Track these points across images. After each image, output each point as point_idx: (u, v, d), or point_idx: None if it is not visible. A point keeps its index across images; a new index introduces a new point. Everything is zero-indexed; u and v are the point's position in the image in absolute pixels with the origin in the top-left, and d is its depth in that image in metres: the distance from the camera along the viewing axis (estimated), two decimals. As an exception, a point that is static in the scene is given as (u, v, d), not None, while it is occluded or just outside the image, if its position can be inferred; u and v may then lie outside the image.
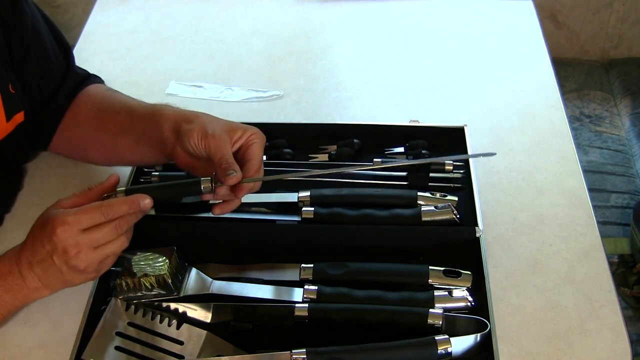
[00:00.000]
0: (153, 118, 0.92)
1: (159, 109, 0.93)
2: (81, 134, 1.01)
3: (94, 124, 1.00)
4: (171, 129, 0.89)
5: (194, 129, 0.86)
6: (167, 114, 0.91)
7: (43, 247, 0.77)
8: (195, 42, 1.39)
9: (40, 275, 0.79)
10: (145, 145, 0.94)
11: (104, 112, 0.99)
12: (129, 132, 0.95)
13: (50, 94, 1.00)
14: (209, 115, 0.90)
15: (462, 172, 1.01)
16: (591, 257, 0.94)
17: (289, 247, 0.93)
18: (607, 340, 0.84)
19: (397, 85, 1.26)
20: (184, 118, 0.89)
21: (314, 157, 1.06)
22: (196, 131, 0.85)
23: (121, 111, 0.97)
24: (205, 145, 0.85)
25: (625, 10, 2.21)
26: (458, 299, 0.83)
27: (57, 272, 0.79)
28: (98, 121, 0.99)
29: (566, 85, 2.12)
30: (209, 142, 0.84)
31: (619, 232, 1.70)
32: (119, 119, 0.96)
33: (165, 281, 0.84)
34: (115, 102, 1.00)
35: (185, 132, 0.86)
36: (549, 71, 1.27)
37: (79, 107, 1.02)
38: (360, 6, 1.47)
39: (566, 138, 1.13)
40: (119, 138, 0.96)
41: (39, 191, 1.07)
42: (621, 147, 1.93)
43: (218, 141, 0.84)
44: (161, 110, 0.92)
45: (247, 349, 0.82)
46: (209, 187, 0.82)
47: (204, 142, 0.85)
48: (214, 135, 0.85)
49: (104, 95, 1.02)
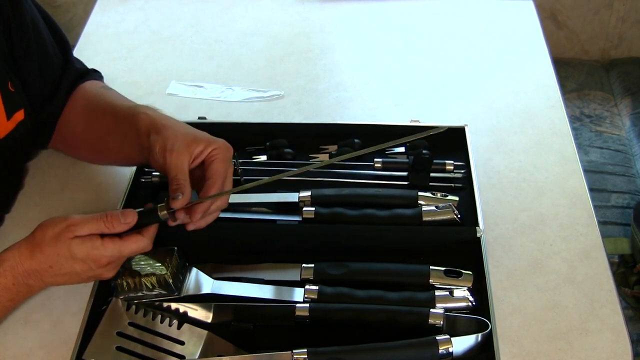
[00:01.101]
0: (132, 121, 0.90)
1: (137, 112, 0.91)
2: (74, 132, 1.01)
3: (84, 123, 1.00)
4: (145, 136, 0.87)
5: (156, 142, 0.84)
6: (142, 119, 0.89)
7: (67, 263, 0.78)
8: (195, 42, 1.39)
9: (51, 282, 0.80)
10: (129, 148, 0.92)
11: (93, 112, 0.99)
12: (114, 133, 0.94)
13: (51, 91, 1.00)
14: (178, 124, 0.87)
15: (462, 172, 1.01)
16: (592, 257, 0.94)
17: (290, 247, 0.93)
18: (608, 340, 0.84)
19: (398, 85, 1.26)
20: (153, 127, 0.87)
21: (315, 157, 1.06)
22: (158, 144, 0.83)
23: (107, 112, 0.96)
24: (163, 160, 0.83)
25: (625, 10, 2.21)
26: (459, 299, 0.83)
27: (77, 278, 0.80)
28: (88, 121, 0.99)
29: (566, 85, 2.12)
30: (167, 158, 0.82)
31: (619, 232, 1.70)
32: (104, 120, 0.96)
33: (166, 281, 0.84)
34: (103, 102, 0.99)
35: (151, 144, 0.85)
36: (550, 71, 1.27)
37: (73, 104, 1.01)
38: (360, 6, 1.47)
39: (566, 138, 1.13)
40: (105, 139, 0.96)
41: (39, 191, 1.07)
42: (621, 147, 1.93)
43: (175, 158, 0.82)
44: (138, 115, 0.90)
45: (248, 349, 0.82)
46: (166, 214, 0.80)
47: (163, 157, 0.83)
48: (172, 151, 0.82)
49: (95, 94, 1.02)
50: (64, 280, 0.80)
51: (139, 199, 0.98)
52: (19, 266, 0.78)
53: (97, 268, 0.79)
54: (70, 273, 0.79)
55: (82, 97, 1.01)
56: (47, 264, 0.78)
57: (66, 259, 0.77)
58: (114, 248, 0.78)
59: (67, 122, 1.01)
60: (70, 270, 0.78)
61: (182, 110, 1.20)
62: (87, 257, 0.77)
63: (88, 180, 1.08)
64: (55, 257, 0.77)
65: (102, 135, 0.96)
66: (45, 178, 1.09)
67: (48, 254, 0.77)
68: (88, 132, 0.99)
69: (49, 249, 0.77)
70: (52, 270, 0.78)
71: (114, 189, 1.03)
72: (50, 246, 0.77)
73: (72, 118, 1.01)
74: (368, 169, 1.03)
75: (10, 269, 0.78)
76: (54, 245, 0.77)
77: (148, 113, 0.90)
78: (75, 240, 0.77)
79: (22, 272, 0.78)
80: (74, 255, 0.77)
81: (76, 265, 0.78)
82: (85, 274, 0.79)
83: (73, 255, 0.77)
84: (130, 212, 0.80)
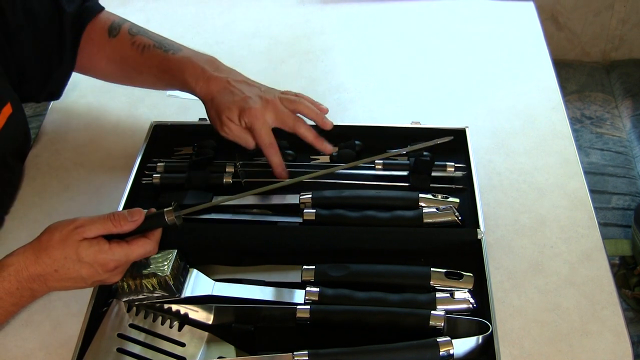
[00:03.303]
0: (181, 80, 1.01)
1: (184, 78, 1.00)
2: (97, 68, 1.09)
3: (110, 64, 1.08)
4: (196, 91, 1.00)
5: (211, 115, 1.00)
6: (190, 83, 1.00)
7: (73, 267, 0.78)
8: (196, 43, 1.38)
9: (55, 287, 0.80)
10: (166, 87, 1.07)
11: (123, 61, 1.06)
12: (156, 82, 1.07)
13: (55, 56, 1.03)
14: (224, 90, 0.98)
15: (463, 174, 1.01)
16: (592, 259, 0.94)
17: (291, 248, 0.93)
18: (609, 341, 0.84)
19: (399, 87, 1.26)
20: (204, 95, 1.00)
21: (316, 159, 1.06)
22: (212, 116, 0.99)
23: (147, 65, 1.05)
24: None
25: (626, 12, 2.21)
26: (460, 301, 0.83)
27: (81, 283, 0.80)
28: (115, 64, 1.07)
29: (567, 86, 2.12)
30: (228, 134, 0.99)
31: (620, 233, 1.70)
32: (144, 73, 1.05)
33: (167, 283, 0.84)
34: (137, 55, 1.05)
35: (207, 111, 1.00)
36: (550, 73, 1.27)
37: (88, 49, 1.07)
38: (361, 8, 1.47)
39: (567, 140, 1.13)
40: (138, 78, 1.07)
41: (40, 192, 1.07)
42: (622, 149, 1.93)
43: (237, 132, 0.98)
44: (186, 82, 1.00)
45: (249, 350, 0.82)
46: (173, 218, 0.81)
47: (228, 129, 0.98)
48: (230, 129, 0.98)
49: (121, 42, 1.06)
50: (69, 284, 0.80)
51: (140, 200, 0.98)
52: (24, 271, 0.78)
53: (103, 272, 0.79)
54: (75, 277, 0.78)
55: (97, 38, 1.06)
56: (53, 267, 0.77)
57: (73, 263, 0.77)
58: (122, 252, 0.78)
59: (86, 65, 1.08)
60: (75, 275, 0.78)
61: (182, 111, 1.20)
62: (94, 261, 0.77)
63: (88, 181, 1.08)
64: (62, 261, 0.77)
65: (135, 79, 1.08)
66: (45, 179, 1.09)
67: (55, 257, 0.77)
68: (116, 69, 1.08)
69: (56, 252, 0.77)
70: (57, 274, 0.78)
71: (114, 190, 1.03)
72: (58, 249, 0.77)
73: (93, 62, 1.07)
74: (369, 170, 1.03)
75: (14, 273, 0.78)
76: (62, 248, 0.77)
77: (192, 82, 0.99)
78: (84, 243, 0.77)
79: (26, 277, 0.78)
80: (81, 258, 0.77)
81: (82, 270, 0.78)
82: (91, 278, 0.79)
83: (80, 259, 0.77)
84: (137, 211, 0.81)
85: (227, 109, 0.95)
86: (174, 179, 1.02)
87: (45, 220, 0.83)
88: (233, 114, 0.95)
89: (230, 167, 1.02)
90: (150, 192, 1.01)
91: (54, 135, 1.17)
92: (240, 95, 0.96)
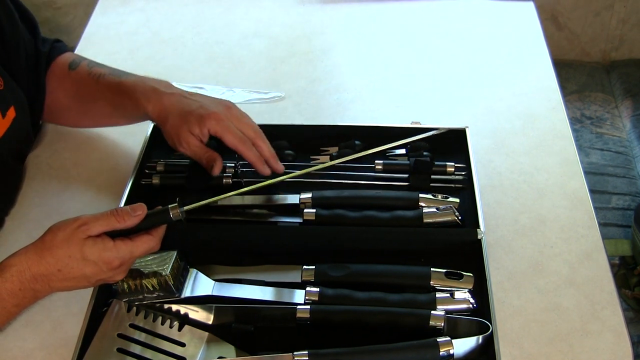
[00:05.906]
0: (135, 105, 0.99)
1: (138, 102, 0.98)
2: (60, 105, 1.08)
3: (70, 97, 1.07)
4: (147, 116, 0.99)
5: (164, 132, 0.98)
6: (143, 105, 0.98)
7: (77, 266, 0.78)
8: (196, 43, 1.39)
9: (58, 287, 0.80)
10: (124, 119, 1.06)
11: (84, 91, 1.06)
12: (110, 115, 1.05)
13: (32, 76, 1.04)
14: (173, 107, 0.97)
15: (463, 174, 1.01)
16: (592, 259, 0.94)
17: (291, 248, 0.93)
18: (609, 341, 0.84)
19: (399, 87, 1.26)
20: (157, 118, 0.98)
21: (316, 159, 1.06)
22: (166, 135, 0.97)
23: (100, 96, 1.04)
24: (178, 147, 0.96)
25: (626, 12, 2.21)
26: (460, 301, 0.83)
27: (84, 283, 0.80)
28: (75, 95, 1.07)
29: (567, 86, 2.12)
30: (178, 148, 0.97)
31: (620, 233, 1.70)
32: (100, 103, 1.04)
33: (167, 283, 0.84)
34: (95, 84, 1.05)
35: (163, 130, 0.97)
36: (550, 73, 1.27)
37: (53, 82, 1.07)
38: (361, 8, 1.47)
39: (567, 140, 1.13)
40: (95, 110, 1.06)
41: (40, 192, 1.07)
42: (622, 149, 1.93)
43: (186, 145, 0.95)
44: (139, 104, 0.98)
45: (249, 350, 0.82)
46: (178, 214, 0.82)
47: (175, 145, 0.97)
48: (180, 143, 0.96)
49: (83, 73, 1.06)
50: (72, 284, 0.80)
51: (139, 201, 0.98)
52: (27, 271, 0.77)
53: (107, 270, 0.78)
54: (78, 277, 0.78)
55: (59, 72, 1.07)
56: (56, 267, 0.77)
57: (77, 262, 0.77)
58: (126, 249, 0.78)
59: (49, 102, 1.08)
60: (79, 274, 0.78)
61: (182, 111, 1.20)
62: (98, 259, 0.77)
63: (88, 181, 1.08)
64: (65, 260, 0.77)
65: (92, 109, 1.07)
66: (45, 179, 1.09)
67: (59, 256, 0.77)
68: (74, 102, 1.07)
69: (60, 251, 0.77)
70: (60, 274, 0.78)
71: (114, 190, 1.03)
72: (62, 248, 0.77)
73: (53, 97, 1.07)
74: (369, 170, 1.03)
75: (17, 274, 0.77)
76: (66, 247, 0.77)
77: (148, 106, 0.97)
78: (88, 242, 0.77)
79: (29, 277, 0.78)
80: (86, 256, 0.77)
81: (86, 268, 0.78)
82: (95, 277, 0.79)
83: (84, 257, 0.77)
84: (139, 205, 0.81)
85: (186, 121, 0.92)
86: (174, 179, 1.02)
87: (45, 220, 0.83)
88: (193, 125, 0.92)
89: (230, 167, 1.02)
90: (150, 193, 1.01)
91: (54, 135, 1.17)
92: (197, 104, 0.94)
